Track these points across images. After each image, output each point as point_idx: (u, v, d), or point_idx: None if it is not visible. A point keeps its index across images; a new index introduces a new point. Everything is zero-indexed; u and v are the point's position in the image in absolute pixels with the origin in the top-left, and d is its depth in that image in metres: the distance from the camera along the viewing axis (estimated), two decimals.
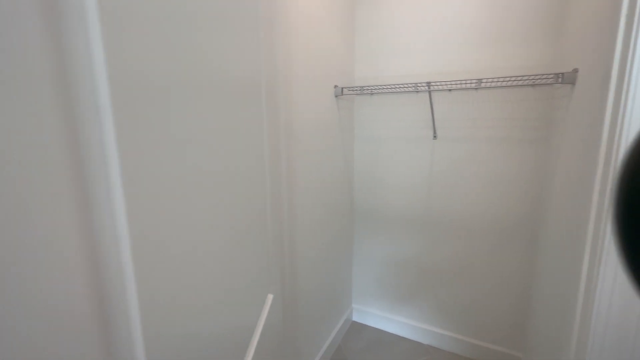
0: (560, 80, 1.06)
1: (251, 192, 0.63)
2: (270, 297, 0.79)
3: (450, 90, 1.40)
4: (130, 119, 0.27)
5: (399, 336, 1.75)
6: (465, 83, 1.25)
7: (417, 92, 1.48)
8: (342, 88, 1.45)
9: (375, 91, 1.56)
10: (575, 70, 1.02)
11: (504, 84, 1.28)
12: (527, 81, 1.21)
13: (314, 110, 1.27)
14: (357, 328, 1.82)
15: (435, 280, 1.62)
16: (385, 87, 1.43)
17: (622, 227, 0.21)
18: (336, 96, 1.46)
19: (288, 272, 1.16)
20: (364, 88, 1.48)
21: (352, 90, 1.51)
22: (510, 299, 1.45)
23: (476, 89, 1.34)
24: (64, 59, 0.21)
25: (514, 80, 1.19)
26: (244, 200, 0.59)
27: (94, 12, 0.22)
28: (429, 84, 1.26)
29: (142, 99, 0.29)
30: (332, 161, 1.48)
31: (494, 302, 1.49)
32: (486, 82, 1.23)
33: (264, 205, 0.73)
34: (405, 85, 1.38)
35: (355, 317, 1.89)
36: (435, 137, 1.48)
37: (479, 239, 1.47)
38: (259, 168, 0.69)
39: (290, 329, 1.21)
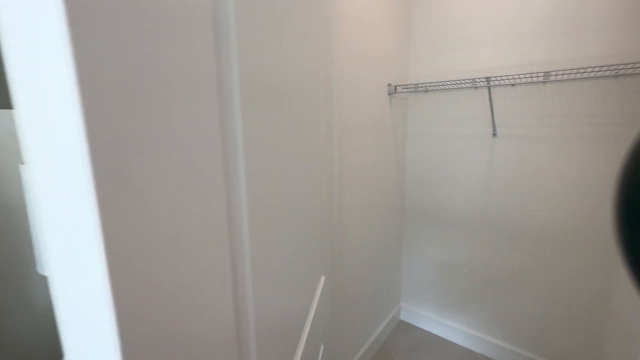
0: None
1: (309, 180, 0.71)
2: (322, 278, 0.86)
3: (513, 85, 1.32)
4: (246, 114, 0.37)
5: (449, 341, 1.69)
6: (531, 76, 1.17)
7: (476, 88, 1.42)
8: (396, 86, 1.47)
9: (430, 88, 1.54)
10: None
11: (578, 76, 1.17)
12: (607, 72, 1.10)
13: (366, 109, 1.32)
14: (405, 327, 1.81)
15: (491, 285, 1.53)
16: (440, 83, 1.40)
17: (623, 227, 0.21)
18: (389, 94, 1.48)
19: (337, 258, 1.23)
20: (418, 85, 1.47)
21: (406, 87, 1.52)
22: (578, 313, 1.31)
23: (544, 82, 1.25)
24: (220, 69, 0.31)
25: (592, 72, 1.09)
26: (304, 185, 0.67)
27: (234, 33, 0.33)
28: (488, 79, 1.21)
29: (253, 100, 0.38)
30: (383, 158, 1.50)
31: (558, 316, 1.36)
32: (556, 74, 1.14)
33: (319, 193, 0.80)
34: (462, 81, 1.34)
35: (404, 317, 1.87)
36: (494, 135, 1.41)
37: (543, 245, 1.36)
38: (316, 160, 0.76)
39: (337, 314, 1.27)
